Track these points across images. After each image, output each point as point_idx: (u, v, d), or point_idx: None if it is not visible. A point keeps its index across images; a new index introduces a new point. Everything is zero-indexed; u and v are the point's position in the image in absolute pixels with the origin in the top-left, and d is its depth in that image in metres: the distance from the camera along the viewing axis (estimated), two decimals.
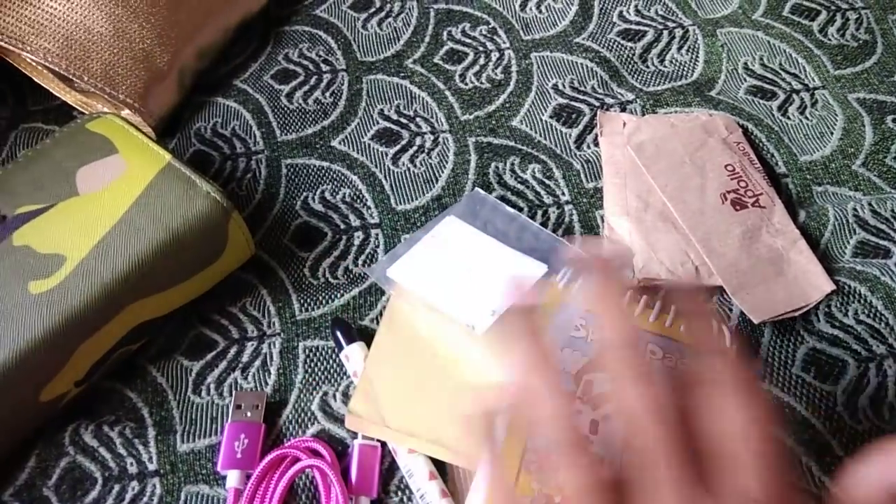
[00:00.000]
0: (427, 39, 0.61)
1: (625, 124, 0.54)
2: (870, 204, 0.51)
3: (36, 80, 0.55)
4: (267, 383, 0.44)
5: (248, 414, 0.41)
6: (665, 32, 0.62)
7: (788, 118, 0.56)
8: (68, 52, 0.52)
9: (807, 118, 0.56)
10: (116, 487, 0.40)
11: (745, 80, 0.58)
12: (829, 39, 0.61)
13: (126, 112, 0.54)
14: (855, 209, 0.50)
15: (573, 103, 0.57)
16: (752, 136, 0.55)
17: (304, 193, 0.52)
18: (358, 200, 0.52)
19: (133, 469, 0.41)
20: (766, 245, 0.47)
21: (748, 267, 0.46)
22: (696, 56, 0.60)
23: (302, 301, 0.47)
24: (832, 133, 0.55)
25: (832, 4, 0.63)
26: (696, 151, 0.51)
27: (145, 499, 0.40)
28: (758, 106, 0.57)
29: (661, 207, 0.49)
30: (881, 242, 0.49)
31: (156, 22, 0.54)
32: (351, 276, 0.48)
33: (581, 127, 0.56)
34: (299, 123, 0.56)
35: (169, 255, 0.42)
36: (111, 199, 0.44)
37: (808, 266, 0.47)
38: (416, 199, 0.52)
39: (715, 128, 0.53)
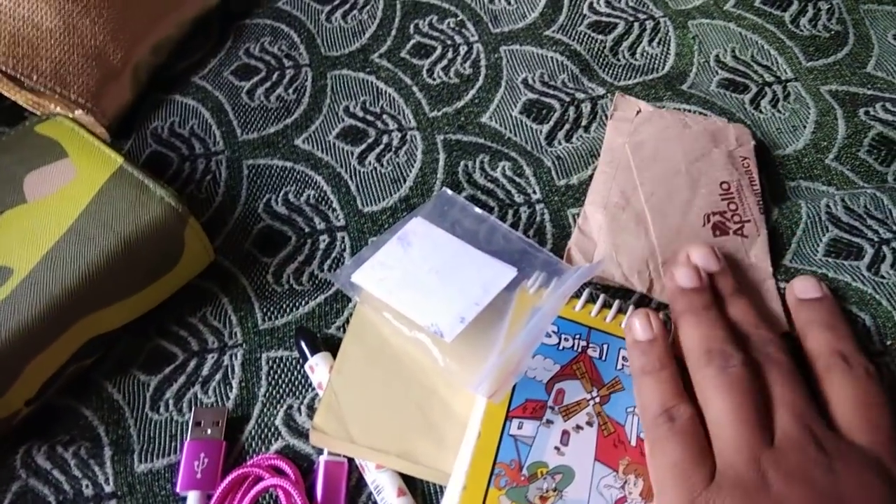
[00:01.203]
0: (393, 33, 0.59)
1: (638, 112, 0.53)
2: (843, 200, 0.50)
3: None
4: (228, 397, 0.42)
5: (209, 431, 0.40)
6: (636, 24, 0.60)
7: (761, 112, 0.55)
8: (15, 50, 0.49)
9: (779, 111, 0.55)
10: None
11: (716, 72, 0.57)
12: (801, 30, 0.60)
13: (78, 112, 0.51)
14: (828, 205, 0.50)
15: (543, 98, 0.55)
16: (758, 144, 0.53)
17: (267, 195, 0.50)
18: (323, 202, 0.50)
19: (89, 491, 0.39)
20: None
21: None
22: (668, 49, 0.59)
23: (265, 309, 0.45)
24: (805, 126, 0.54)
25: None
26: (695, 161, 0.50)
27: None
28: (730, 99, 0.56)
29: (641, 209, 0.48)
30: (854, 240, 0.48)
31: (108, 17, 0.52)
32: (316, 281, 0.47)
33: (552, 123, 0.54)
34: (261, 122, 0.54)
35: (121, 265, 0.40)
36: (60, 207, 0.42)
37: (770, 305, 0.45)
38: (384, 199, 0.50)
39: (725, 137, 0.51)
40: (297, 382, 0.43)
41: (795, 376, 0.37)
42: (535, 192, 0.51)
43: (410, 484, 0.39)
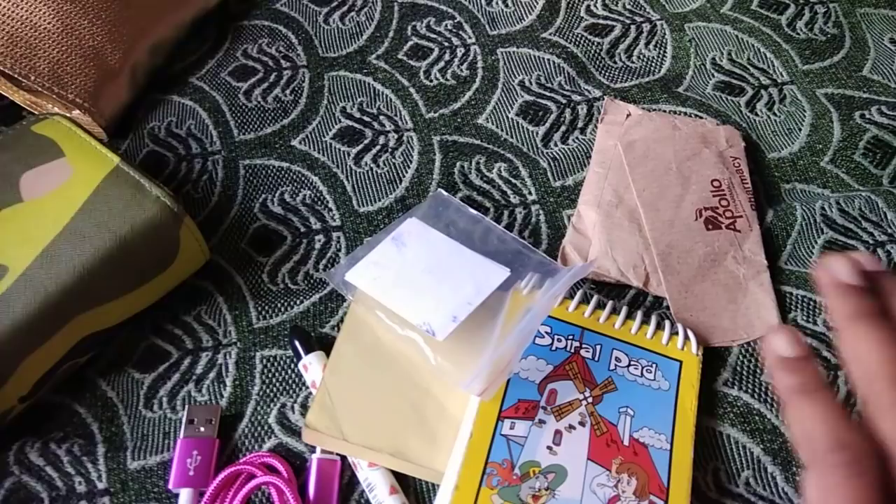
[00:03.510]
0: (391, 34, 0.60)
1: (628, 115, 0.53)
2: (838, 202, 0.50)
3: None
4: (222, 396, 0.42)
5: (202, 429, 0.40)
6: (633, 27, 0.60)
7: (757, 114, 0.55)
8: (13, 51, 0.49)
9: (775, 114, 0.55)
10: None
11: (713, 75, 0.57)
12: (798, 33, 0.60)
13: (76, 112, 0.51)
14: (823, 208, 0.50)
15: (540, 100, 0.56)
16: (753, 146, 0.53)
17: (263, 195, 0.50)
18: (319, 202, 0.50)
19: (82, 488, 0.39)
20: (727, 271, 0.46)
21: (700, 291, 0.45)
22: (664, 51, 0.59)
23: (260, 308, 0.45)
24: (800, 129, 0.54)
25: None
26: (686, 160, 0.50)
27: None
28: (726, 102, 0.56)
29: (634, 206, 0.48)
30: (849, 242, 0.48)
31: (106, 17, 0.52)
32: (311, 281, 0.47)
33: (548, 125, 0.54)
34: (258, 122, 0.54)
35: (116, 264, 0.41)
36: (56, 206, 0.42)
37: (763, 299, 0.45)
38: (380, 200, 0.51)
39: (715, 138, 0.52)
40: (290, 381, 0.43)
41: None
42: (530, 193, 0.51)
43: (403, 482, 0.39)
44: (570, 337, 0.42)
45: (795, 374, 0.32)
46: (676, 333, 0.43)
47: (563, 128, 0.54)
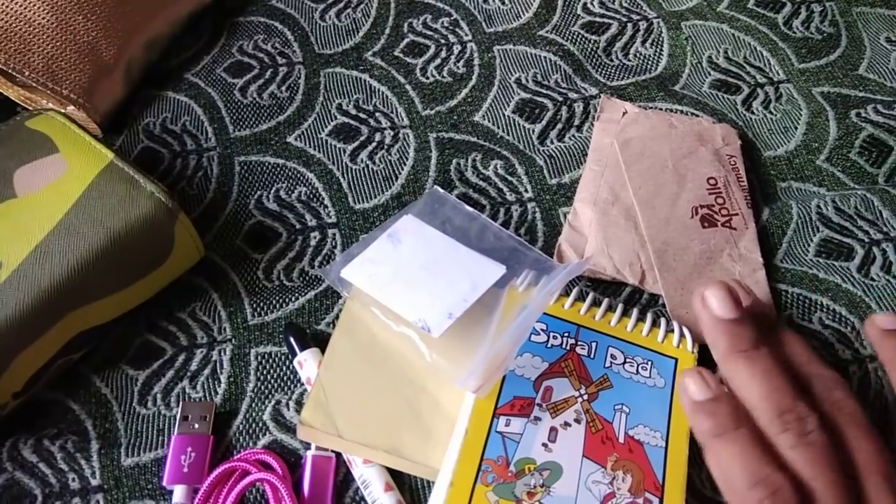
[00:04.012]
0: (387, 31, 0.59)
1: (625, 113, 0.53)
2: (833, 201, 0.50)
3: None
4: (217, 392, 0.42)
5: (196, 426, 0.40)
6: (629, 25, 0.60)
7: (753, 113, 0.55)
8: (7, 46, 0.49)
9: (771, 113, 0.55)
10: None
11: (709, 73, 0.58)
12: (794, 32, 0.60)
13: (70, 108, 0.51)
14: (819, 206, 0.50)
15: (536, 98, 0.56)
16: (749, 144, 0.53)
17: (258, 192, 0.50)
18: (314, 199, 0.50)
19: (75, 485, 0.39)
20: (722, 269, 0.46)
21: (696, 288, 0.45)
22: (661, 49, 0.59)
23: (255, 305, 0.45)
24: (796, 128, 0.54)
25: None
26: (682, 158, 0.50)
27: None
28: (722, 101, 0.56)
29: (630, 204, 0.48)
30: (844, 240, 0.48)
31: (101, 13, 0.52)
32: (307, 278, 0.47)
33: (544, 122, 0.54)
34: (253, 119, 0.54)
35: (110, 260, 0.40)
36: (50, 201, 0.42)
37: (760, 295, 0.45)
38: (375, 197, 0.50)
39: (711, 137, 0.52)
40: (285, 378, 0.43)
41: (872, 430, 0.34)
42: (527, 190, 0.51)
43: (398, 479, 0.39)
44: (566, 334, 0.42)
45: (709, 418, 0.34)
46: (672, 331, 0.43)
47: (559, 125, 0.54)
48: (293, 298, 0.46)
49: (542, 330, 0.42)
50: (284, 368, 0.43)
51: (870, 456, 0.33)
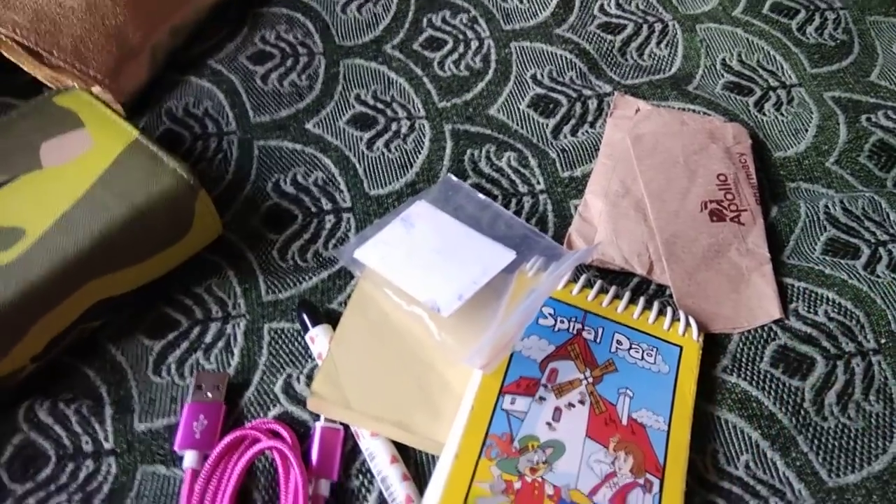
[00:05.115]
0: (407, 26, 0.61)
1: (638, 110, 0.54)
2: (841, 202, 0.51)
3: (5, 54, 0.53)
4: (230, 365, 0.43)
5: (209, 395, 0.41)
6: (645, 26, 0.61)
7: (764, 114, 0.56)
8: (38, 27, 0.50)
9: (782, 115, 0.56)
10: (70, 466, 0.39)
11: (722, 75, 0.58)
12: (808, 38, 0.61)
13: (96, 88, 0.53)
14: (826, 206, 0.50)
15: (551, 94, 0.57)
16: (760, 145, 0.54)
17: (276, 175, 0.51)
18: (330, 184, 0.51)
19: (88, 447, 0.40)
20: (730, 262, 0.47)
21: (703, 279, 0.46)
22: (675, 51, 0.60)
23: (269, 283, 0.46)
24: (807, 130, 0.55)
25: (811, 4, 0.63)
26: (693, 154, 0.51)
27: (100, 478, 0.39)
28: (734, 102, 0.57)
29: (640, 197, 0.49)
30: (851, 240, 0.49)
31: None
32: (321, 259, 0.48)
33: (558, 117, 0.55)
34: (273, 105, 0.55)
35: (132, 232, 0.41)
36: (75, 174, 0.43)
37: (765, 290, 0.46)
38: (390, 184, 0.51)
39: (722, 135, 0.53)
40: (297, 353, 0.44)
41: None
42: (539, 182, 0.52)
43: (403, 453, 0.40)
44: (573, 319, 0.42)
45: None
46: (678, 320, 0.43)
47: (572, 121, 0.55)
48: (307, 278, 0.47)
49: (550, 314, 0.42)
50: (297, 344, 0.44)
51: None
